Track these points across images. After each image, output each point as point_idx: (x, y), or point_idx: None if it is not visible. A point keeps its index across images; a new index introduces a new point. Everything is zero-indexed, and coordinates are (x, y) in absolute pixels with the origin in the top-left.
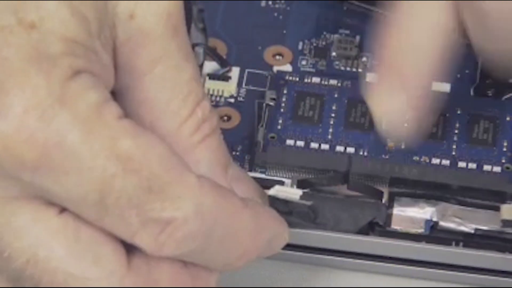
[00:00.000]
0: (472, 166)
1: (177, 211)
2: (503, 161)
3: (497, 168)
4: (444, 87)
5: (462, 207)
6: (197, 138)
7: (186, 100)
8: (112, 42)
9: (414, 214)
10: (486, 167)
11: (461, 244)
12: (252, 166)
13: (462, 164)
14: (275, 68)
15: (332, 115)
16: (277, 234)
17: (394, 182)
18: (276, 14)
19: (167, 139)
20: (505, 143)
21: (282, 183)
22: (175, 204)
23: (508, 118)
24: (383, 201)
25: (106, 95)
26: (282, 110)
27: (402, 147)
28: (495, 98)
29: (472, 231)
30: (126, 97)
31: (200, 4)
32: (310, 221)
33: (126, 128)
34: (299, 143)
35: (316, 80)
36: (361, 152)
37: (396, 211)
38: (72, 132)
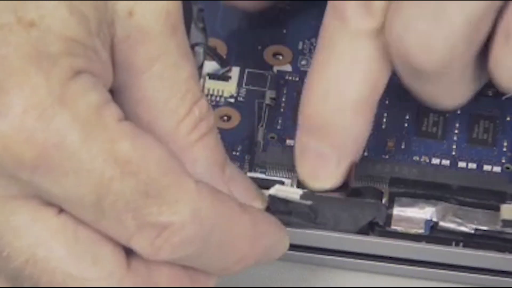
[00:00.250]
0: (472, 166)
1: (174, 216)
2: (503, 161)
3: (497, 168)
4: None
5: (462, 207)
6: (194, 137)
7: (184, 99)
8: (110, 39)
9: (414, 214)
10: (486, 167)
11: (461, 244)
12: (252, 166)
13: (462, 164)
14: (275, 68)
15: None
16: (276, 240)
17: (394, 182)
18: (276, 14)
19: (164, 137)
20: (505, 143)
21: (282, 183)
22: (172, 209)
23: (508, 118)
24: (383, 201)
25: (107, 96)
26: (282, 110)
27: (402, 147)
28: (495, 98)
29: (472, 231)
30: (124, 95)
31: (200, 4)
32: (310, 221)
33: (125, 131)
34: None
35: None
36: None
37: (396, 211)
38: (72, 133)
